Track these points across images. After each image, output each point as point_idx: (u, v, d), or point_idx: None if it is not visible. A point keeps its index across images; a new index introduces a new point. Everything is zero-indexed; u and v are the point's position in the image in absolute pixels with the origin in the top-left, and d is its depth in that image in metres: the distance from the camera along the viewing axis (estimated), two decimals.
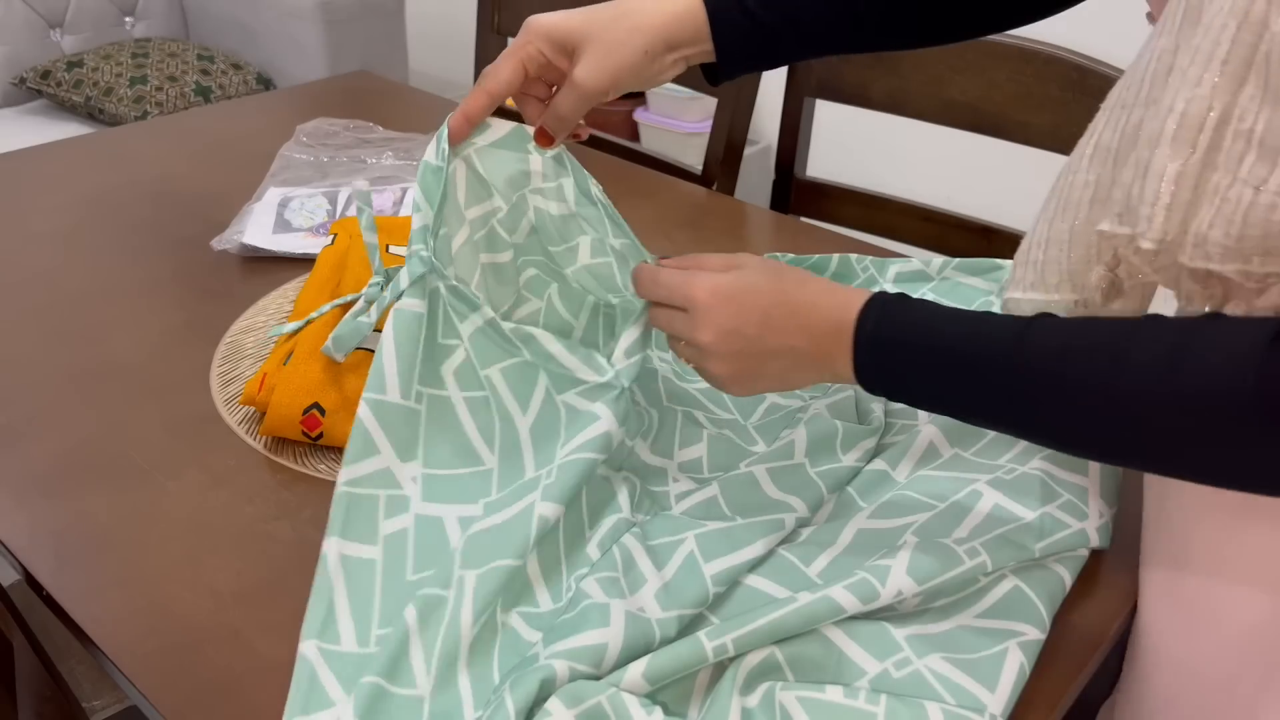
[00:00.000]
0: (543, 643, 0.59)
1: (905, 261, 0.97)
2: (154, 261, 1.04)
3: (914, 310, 0.58)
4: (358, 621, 0.60)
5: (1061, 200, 0.56)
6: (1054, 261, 0.56)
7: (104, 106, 2.24)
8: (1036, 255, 0.58)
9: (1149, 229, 0.48)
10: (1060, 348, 0.52)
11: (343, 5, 2.31)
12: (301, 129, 1.31)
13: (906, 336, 0.57)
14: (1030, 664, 0.59)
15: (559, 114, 0.69)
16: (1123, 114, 0.52)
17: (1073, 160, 0.56)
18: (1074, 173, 0.55)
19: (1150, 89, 0.50)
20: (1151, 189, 0.48)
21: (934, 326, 0.57)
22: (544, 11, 0.71)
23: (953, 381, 0.56)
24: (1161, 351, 0.48)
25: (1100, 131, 0.54)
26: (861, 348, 0.58)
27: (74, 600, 0.65)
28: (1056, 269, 0.56)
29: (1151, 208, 0.48)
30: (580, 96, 0.67)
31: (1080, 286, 0.56)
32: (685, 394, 0.79)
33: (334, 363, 0.78)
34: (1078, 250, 0.55)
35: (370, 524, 0.63)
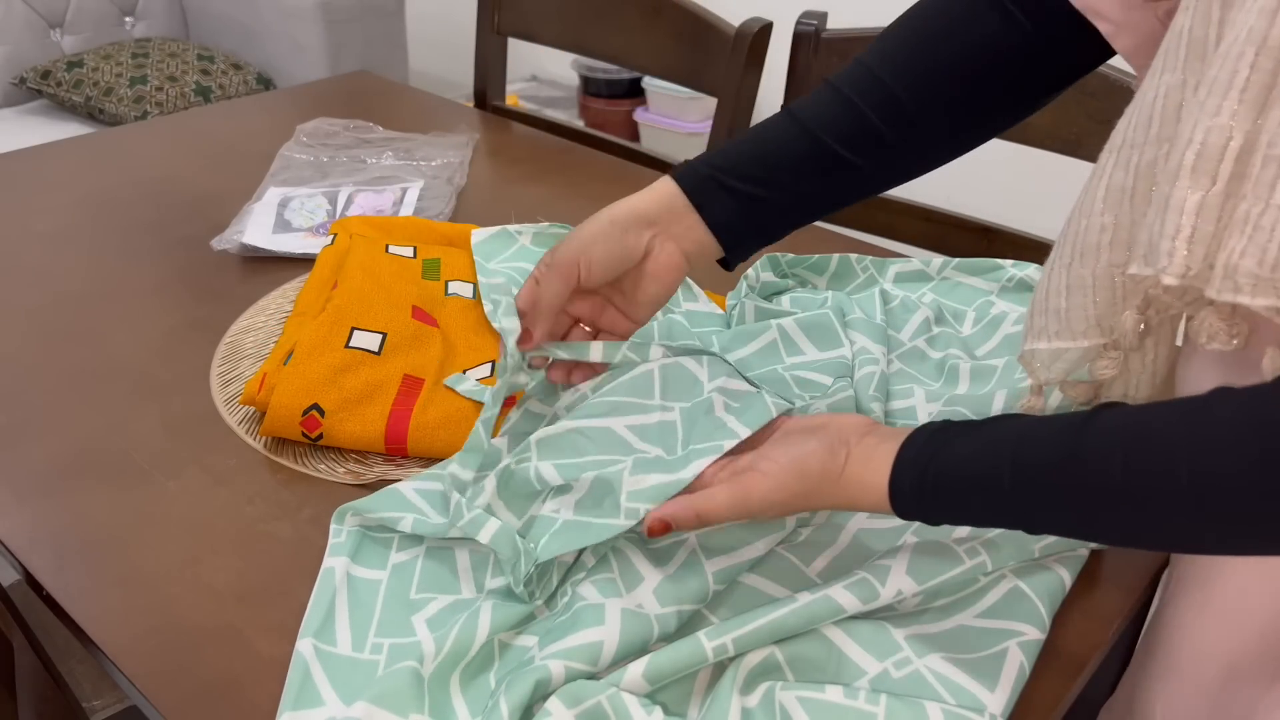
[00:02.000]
0: (538, 646, 0.59)
1: (905, 261, 0.97)
2: (154, 261, 1.04)
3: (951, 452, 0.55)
4: (355, 627, 0.61)
5: (1078, 245, 0.55)
6: (1079, 308, 0.56)
7: (104, 106, 2.24)
8: (1058, 303, 0.57)
9: (1170, 264, 0.47)
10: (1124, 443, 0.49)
11: (343, 5, 2.31)
12: (301, 129, 1.31)
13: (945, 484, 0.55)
14: (1030, 664, 0.59)
15: (540, 302, 0.69)
16: (1133, 153, 0.52)
17: (1083, 204, 0.55)
18: (1087, 216, 0.54)
19: (1161, 126, 0.50)
20: (1171, 223, 0.47)
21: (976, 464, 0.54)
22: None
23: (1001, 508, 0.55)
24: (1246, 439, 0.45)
25: (1110, 173, 0.53)
26: (900, 507, 0.57)
27: (74, 600, 0.65)
28: (1082, 315, 0.56)
29: (1172, 242, 0.47)
30: (556, 275, 0.68)
31: (1109, 329, 0.55)
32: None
33: (334, 363, 0.78)
34: (1103, 294, 0.54)
35: (382, 554, 0.66)
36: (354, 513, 0.68)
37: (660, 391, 0.73)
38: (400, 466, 0.76)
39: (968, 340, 0.87)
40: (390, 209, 1.11)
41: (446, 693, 0.57)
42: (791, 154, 0.69)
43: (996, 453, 0.53)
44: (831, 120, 0.68)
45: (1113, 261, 0.53)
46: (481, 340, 0.86)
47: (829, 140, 0.68)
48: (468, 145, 1.28)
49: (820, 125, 0.68)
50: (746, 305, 0.88)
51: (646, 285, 0.71)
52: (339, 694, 0.57)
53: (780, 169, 0.69)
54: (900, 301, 0.91)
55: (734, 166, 0.69)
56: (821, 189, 0.70)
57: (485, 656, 0.59)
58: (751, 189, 0.69)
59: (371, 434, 0.76)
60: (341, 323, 0.83)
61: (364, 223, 1.01)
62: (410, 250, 0.96)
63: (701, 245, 0.70)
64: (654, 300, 0.72)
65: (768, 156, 0.69)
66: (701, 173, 0.69)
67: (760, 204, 0.69)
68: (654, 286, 0.71)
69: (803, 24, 1.21)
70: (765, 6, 1.38)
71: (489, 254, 0.96)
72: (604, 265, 0.69)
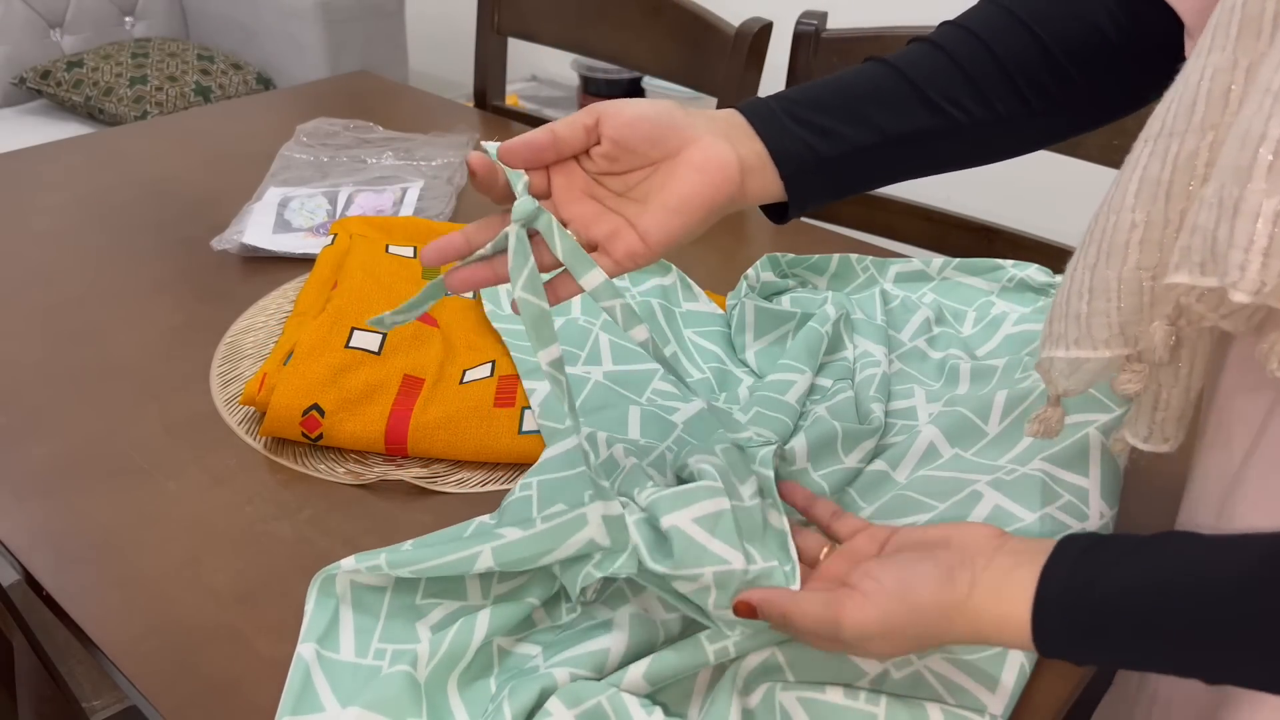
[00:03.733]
0: (543, 655, 0.59)
1: (905, 261, 0.97)
2: (154, 261, 1.04)
3: (1105, 584, 0.48)
4: (359, 632, 0.60)
5: (1104, 245, 0.49)
6: (1100, 314, 0.50)
7: (104, 106, 2.24)
8: (1079, 308, 0.51)
9: (1242, 278, 0.41)
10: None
11: (343, 5, 2.31)
12: (301, 129, 1.31)
13: (1102, 621, 0.47)
14: (1031, 665, 0.59)
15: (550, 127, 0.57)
16: (1171, 143, 0.46)
17: (1113, 198, 0.49)
18: (1116, 212, 0.48)
19: (1206, 113, 0.44)
20: (1244, 231, 0.41)
21: (1137, 596, 0.47)
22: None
23: (1172, 649, 0.46)
24: None
25: (1144, 164, 0.47)
26: (1049, 651, 0.49)
27: (74, 600, 0.65)
28: (1105, 322, 0.50)
29: (1244, 254, 0.41)
30: (580, 113, 0.57)
31: (1133, 339, 0.49)
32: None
33: (334, 363, 0.78)
34: (1128, 299, 0.49)
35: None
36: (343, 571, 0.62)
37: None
38: (400, 467, 0.76)
39: (968, 340, 0.87)
40: (390, 209, 1.11)
41: (444, 696, 0.57)
42: (879, 91, 0.60)
43: (1165, 594, 0.46)
44: (931, 71, 0.60)
45: (1141, 264, 0.48)
46: (481, 340, 0.86)
47: (924, 86, 0.60)
48: (468, 145, 1.28)
49: (917, 73, 0.60)
50: (746, 305, 0.88)
51: (681, 181, 0.55)
52: (340, 699, 0.57)
53: (864, 102, 0.59)
54: (900, 302, 0.91)
55: (808, 98, 0.59)
56: (909, 133, 0.60)
57: (484, 661, 0.59)
58: (827, 121, 0.59)
59: (371, 434, 0.76)
60: (341, 323, 0.83)
61: (364, 223, 1.01)
62: (410, 250, 0.96)
63: (760, 163, 0.58)
64: (684, 206, 0.55)
65: (850, 89, 0.60)
66: (768, 102, 0.59)
67: (835, 139, 0.59)
68: (690, 183, 0.55)
69: (803, 24, 1.21)
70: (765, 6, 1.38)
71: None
72: (637, 115, 0.55)
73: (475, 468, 0.76)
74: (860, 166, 0.60)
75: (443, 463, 0.76)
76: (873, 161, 0.60)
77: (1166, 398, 0.53)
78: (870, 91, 0.60)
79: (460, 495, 0.74)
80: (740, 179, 0.57)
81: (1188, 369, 0.51)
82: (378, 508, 0.73)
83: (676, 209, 0.55)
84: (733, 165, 0.56)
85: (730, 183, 0.56)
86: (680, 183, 0.55)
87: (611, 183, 0.58)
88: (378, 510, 0.72)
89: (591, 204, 0.57)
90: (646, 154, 0.56)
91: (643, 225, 0.56)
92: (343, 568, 0.61)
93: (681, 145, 0.56)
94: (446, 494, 0.74)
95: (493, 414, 0.76)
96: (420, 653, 0.57)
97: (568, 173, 0.58)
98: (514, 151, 0.55)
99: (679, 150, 0.56)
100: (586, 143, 0.57)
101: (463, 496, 0.74)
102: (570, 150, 0.57)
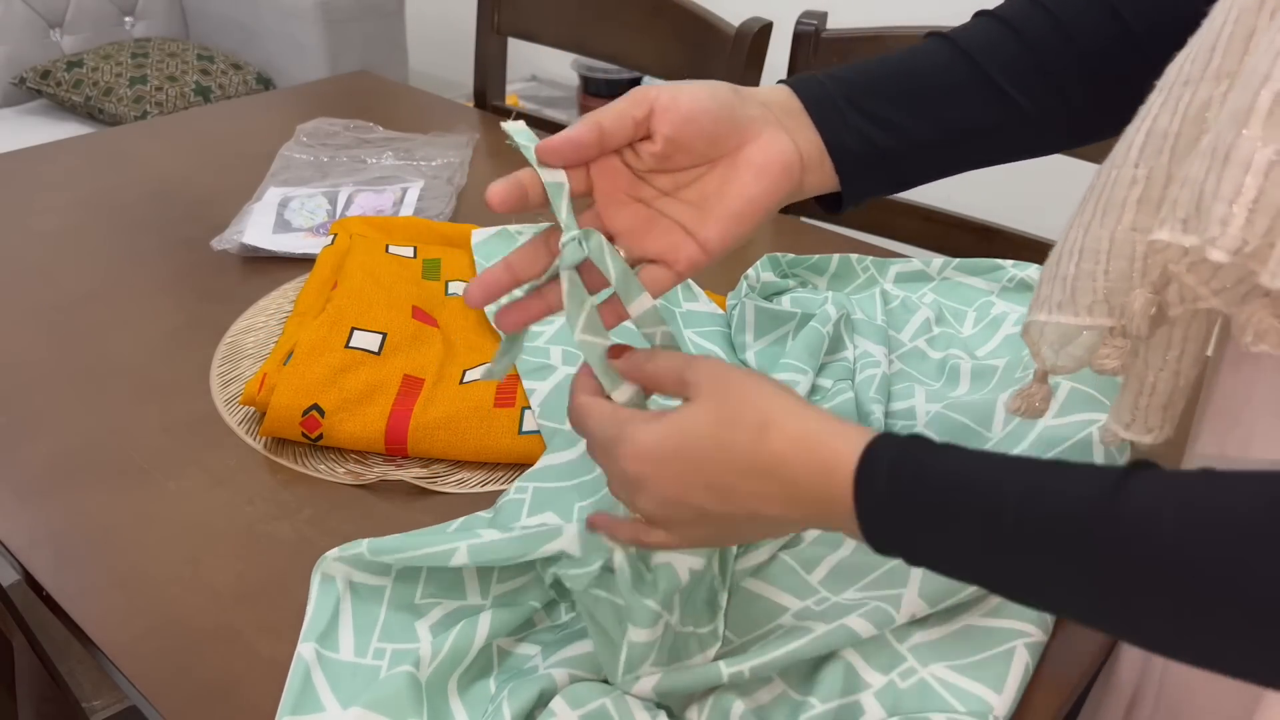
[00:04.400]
0: (541, 655, 0.59)
1: (905, 261, 0.97)
2: (154, 261, 1.04)
3: (939, 461, 0.43)
4: (359, 632, 0.60)
5: (1101, 200, 0.45)
6: (1087, 276, 0.46)
7: (104, 106, 2.24)
8: (1066, 269, 0.47)
9: (1223, 234, 0.36)
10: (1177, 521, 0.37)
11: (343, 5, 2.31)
12: (301, 129, 1.31)
13: (934, 498, 0.42)
14: (1034, 665, 0.59)
15: (595, 115, 0.51)
16: (1185, 92, 0.42)
17: (1117, 151, 0.45)
18: (1118, 166, 0.44)
19: (1223, 59, 0.40)
20: (1231, 182, 0.36)
21: (973, 478, 0.42)
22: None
23: (1002, 550, 0.41)
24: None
25: (1155, 115, 0.43)
26: (871, 517, 0.44)
27: (74, 600, 0.65)
28: (1090, 286, 0.46)
29: (1229, 206, 0.36)
30: (627, 100, 0.52)
31: (1117, 309, 0.45)
32: None
33: (334, 363, 0.78)
34: (1118, 263, 0.44)
35: (383, 565, 0.63)
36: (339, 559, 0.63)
37: None
38: (400, 467, 0.76)
39: (968, 340, 0.87)
40: (390, 209, 1.11)
41: (444, 697, 0.57)
42: (944, 77, 0.55)
43: (995, 477, 0.42)
44: (999, 53, 0.55)
45: (1137, 224, 0.43)
46: (481, 340, 0.86)
47: (992, 71, 0.55)
48: (468, 145, 1.28)
49: (985, 56, 0.55)
50: (746, 305, 0.88)
51: (744, 183, 0.51)
52: (340, 699, 0.57)
53: (928, 91, 0.55)
54: (900, 302, 0.91)
55: (869, 83, 0.55)
56: (974, 127, 0.55)
57: (484, 662, 0.59)
58: (888, 110, 0.54)
59: (371, 434, 0.76)
60: (341, 323, 0.83)
61: (364, 223, 1.01)
62: (410, 250, 0.96)
63: (818, 157, 0.53)
64: (747, 211, 0.51)
65: (914, 74, 0.55)
66: (822, 82, 0.54)
67: (896, 132, 0.54)
68: (754, 186, 0.51)
69: (803, 24, 1.21)
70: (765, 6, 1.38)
71: (489, 254, 0.96)
72: (694, 107, 0.50)
73: (475, 468, 0.76)
74: (921, 161, 0.56)
75: (443, 463, 0.76)
76: (934, 156, 0.56)
77: (1153, 381, 0.48)
78: (934, 78, 0.55)
79: (460, 495, 0.74)
80: (801, 176, 0.53)
81: (1177, 352, 0.47)
82: (378, 508, 0.73)
83: (739, 214, 0.51)
84: (795, 164, 0.52)
85: (792, 181, 0.52)
86: (744, 186, 0.51)
87: (659, 180, 0.53)
88: (378, 510, 0.72)
89: (639, 210, 0.53)
90: (704, 152, 0.51)
91: (704, 234, 0.51)
92: (327, 558, 0.62)
93: (741, 142, 0.51)
94: (446, 494, 0.74)
95: (493, 414, 0.76)
96: (422, 654, 0.57)
97: (611, 172, 0.52)
98: (556, 151, 0.50)
99: (739, 148, 0.51)
100: (634, 136, 0.51)
101: (463, 496, 0.74)
102: (616, 145, 0.51)
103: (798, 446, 0.45)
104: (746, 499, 0.46)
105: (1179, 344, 0.47)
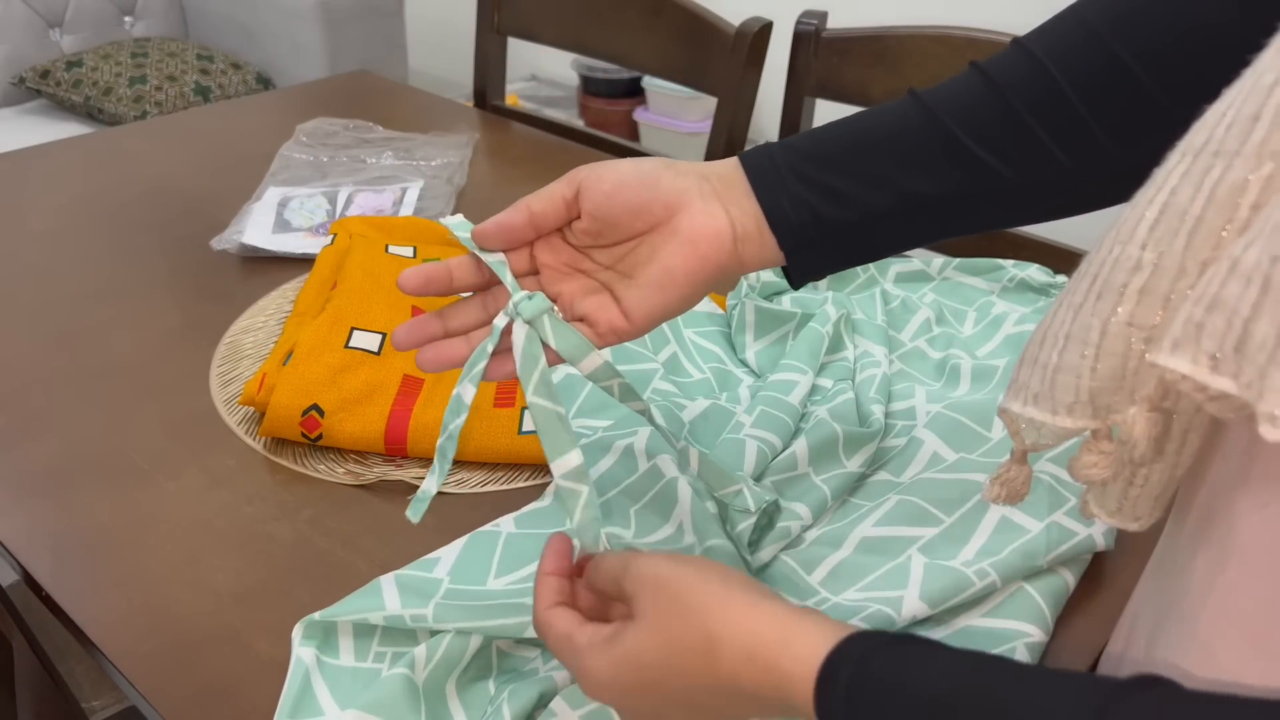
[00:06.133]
0: (541, 657, 0.59)
1: (905, 261, 0.97)
2: (154, 261, 1.03)
3: (895, 676, 0.39)
4: (358, 636, 0.60)
5: (1098, 282, 0.37)
6: (1070, 370, 0.38)
7: (103, 106, 2.24)
8: (1049, 356, 0.39)
9: (1263, 389, 0.30)
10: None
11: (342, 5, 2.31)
12: (301, 129, 1.31)
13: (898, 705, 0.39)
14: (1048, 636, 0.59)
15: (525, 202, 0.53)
16: (1215, 164, 0.34)
17: (1124, 224, 0.37)
18: (1122, 243, 0.37)
19: (1270, 131, 0.32)
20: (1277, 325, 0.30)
21: (931, 700, 0.38)
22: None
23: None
24: None
25: (1172, 187, 0.35)
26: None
27: (73, 600, 0.65)
28: (1073, 383, 0.38)
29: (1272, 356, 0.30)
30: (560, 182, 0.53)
31: (1103, 412, 0.38)
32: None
33: (333, 363, 0.78)
34: (1108, 361, 0.37)
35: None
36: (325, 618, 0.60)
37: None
38: (400, 467, 0.76)
39: (969, 340, 0.87)
40: (390, 209, 1.11)
41: (443, 699, 0.57)
42: (902, 137, 0.52)
43: (956, 697, 0.38)
44: (971, 109, 0.50)
45: (1135, 319, 0.36)
46: None
47: (960, 130, 0.50)
48: (468, 145, 1.28)
49: (953, 112, 0.51)
50: (746, 305, 0.87)
51: (669, 254, 0.51)
52: (339, 702, 0.56)
53: (882, 154, 0.51)
54: (901, 302, 0.91)
55: (819, 150, 0.52)
56: (934, 194, 0.51)
57: (483, 664, 0.59)
58: (836, 179, 0.51)
59: (371, 434, 0.76)
60: (341, 323, 0.83)
61: (364, 223, 1.01)
62: (410, 250, 0.96)
63: (756, 228, 0.52)
64: (669, 281, 0.52)
65: (869, 136, 0.52)
66: (771, 152, 0.53)
67: (844, 203, 0.52)
68: (678, 257, 0.51)
69: (803, 24, 1.21)
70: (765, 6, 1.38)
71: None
72: (617, 183, 0.51)
73: (475, 468, 0.76)
74: (878, 233, 0.53)
75: None
76: (893, 228, 0.53)
77: (1146, 473, 0.42)
78: (894, 144, 0.52)
79: (460, 495, 0.74)
80: (734, 248, 0.52)
81: (1176, 445, 0.40)
82: (378, 508, 0.73)
83: (659, 284, 0.52)
84: (725, 235, 0.51)
85: (722, 253, 0.52)
86: (668, 256, 0.51)
87: (599, 255, 0.54)
88: (378, 510, 0.72)
89: (579, 279, 0.54)
90: (630, 226, 0.52)
91: (626, 303, 0.52)
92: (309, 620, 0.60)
93: (669, 214, 0.52)
94: (446, 494, 0.74)
95: (493, 414, 0.76)
96: (418, 655, 0.57)
97: (553, 247, 0.54)
98: (489, 235, 0.52)
99: (667, 219, 0.52)
100: (568, 216, 0.53)
101: (463, 496, 0.74)
102: (550, 226, 0.53)
103: (751, 667, 0.43)
104: (722, 710, 0.45)
105: (1178, 438, 0.40)
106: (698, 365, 0.85)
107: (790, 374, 0.78)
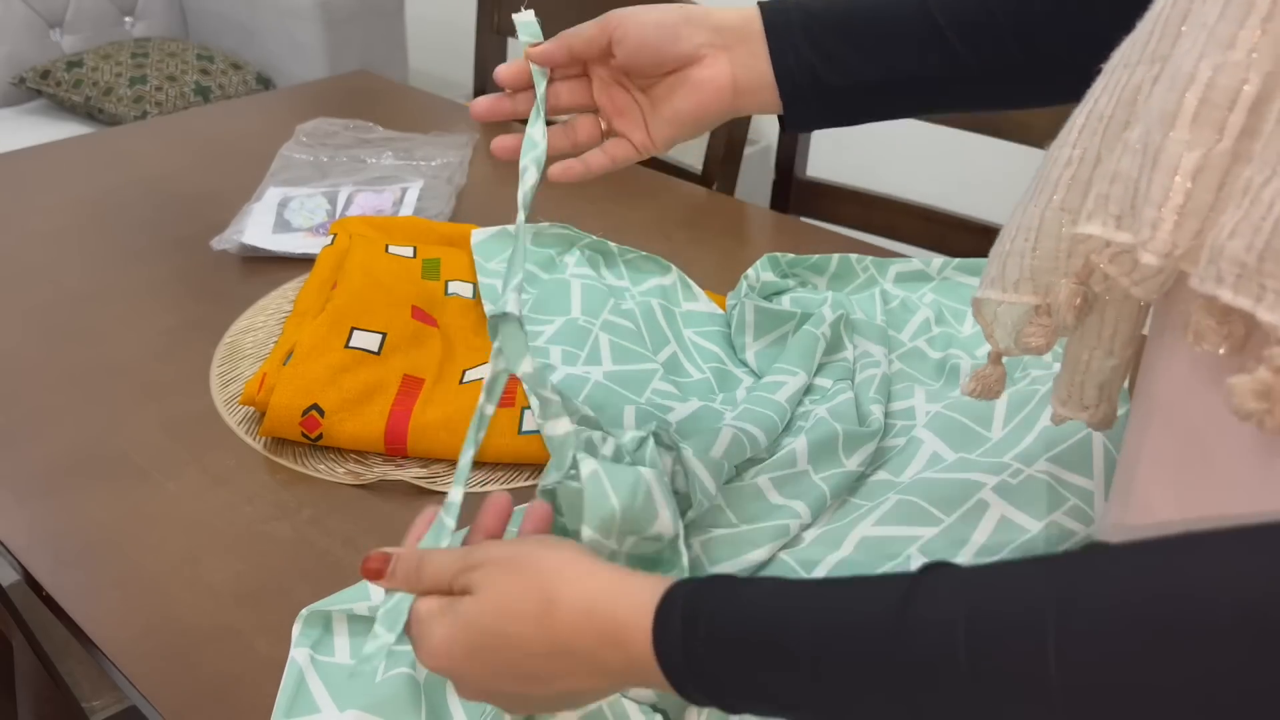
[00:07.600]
0: None
1: (905, 261, 0.97)
2: (154, 261, 1.04)
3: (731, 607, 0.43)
4: (354, 636, 0.60)
5: (1039, 178, 0.46)
6: (1017, 254, 0.46)
7: (103, 106, 2.24)
8: (1002, 246, 0.48)
9: (1153, 237, 0.36)
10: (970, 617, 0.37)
11: (342, 5, 2.31)
12: (301, 129, 1.31)
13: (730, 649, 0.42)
14: None
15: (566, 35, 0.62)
16: (1124, 74, 0.42)
17: (1062, 132, 0.45)
18: (1059, 146, 0.45)
19: (1158, 43, 0.40)
20: (1160, 185, 0.36)
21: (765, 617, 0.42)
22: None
23: (807, 683, 0.41)
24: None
25: (1097, 97, 0.43)
26: (677, 675, 0.43)
27: (73, 600, 0.65)
28: (1019, 264, 0.46)
29: (1159, 210, 0.36)
30: (593, 23, 0.61)
31: (1043, 288, 0.46)
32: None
33: (333, 363, 0.78)
34: (1045, 243, 0.45)
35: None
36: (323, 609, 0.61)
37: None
38: (400, 467, 0.76)
39: (968, 340, 0.87)
40: (390, 209, 1.11)
41: (443, 698, 0.57)
42: (899, 22, 0.59)
43: (788, 610, 0.41)
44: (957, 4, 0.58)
45: (1065, 204, 0.44)
46: (481, 340, 0.86)
47: (945, 22, 0.58)
48: (468, 145, 1.28)
49: (942, 5, 0.58)
50: (746, 305, 0.87)
51: (679, 97, 0.61)
52: (336, 701, 0.56)
53: (882, 33, 0.59)
54: (900, 302, 0.91)
55: (834, 16, 0.60)
56: (918, 75, 0.59)
57: None
58: (840, 46, 0.59)
59: (371, 434, 0.76)
60: (341, 323, 0.83)
61: (364, 223, 1.01)
62: (410, 250, 0.96)
63: (758, 83, 0.60)
64: (679, 119, 0.61)
65: (876, 13, 0.59)
66: (789, 9, 0.60)
67: (841, 69, 0.59)
68: (686, 101, 0.61)
69: None
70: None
71: (489, 254, 0.96)
72: (641, 40, 0.60)
73: (475, 468, 0.76)
74: (864, 100, 0.61)
75: (442, 463, 0.76)
76: (877, 98, 0.61)
77: (1087, 359, 0.49)
78: (890, 23, 0.59)
79: None
80: (732, 100, 0.61)
81: (1110, 330, 0.47)
82: (378, 508, 0.73)
83: (671, 121, 0.61)
84: (726, 89, 0.60)
85: (722, 103, 0.61)
86: (679, 99, 0.61)
87: (634, 80, 0.63)
88: (378, 510, 0.72)
89: (620, 93, 0.63)
90: (655, 70, 0.61)
91: (651, 128, 0.62)
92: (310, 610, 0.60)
93: (682, 64, 0.60)
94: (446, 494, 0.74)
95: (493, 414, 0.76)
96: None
97: (606, 65, 0.63)
98: (536, 56, 0.63)
99: (684, 67, 0.60)
100: (604, 56, 0.62)
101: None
102: (589, 59, 0.62)
103: (589, 622, 0.44)
104: (558, 678, 0.46)
105: (1111, 323, 0.47)
106: (697, 365, 0.85)
107: (781, 377, 0.78)
